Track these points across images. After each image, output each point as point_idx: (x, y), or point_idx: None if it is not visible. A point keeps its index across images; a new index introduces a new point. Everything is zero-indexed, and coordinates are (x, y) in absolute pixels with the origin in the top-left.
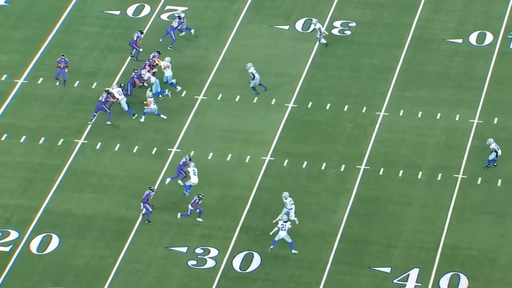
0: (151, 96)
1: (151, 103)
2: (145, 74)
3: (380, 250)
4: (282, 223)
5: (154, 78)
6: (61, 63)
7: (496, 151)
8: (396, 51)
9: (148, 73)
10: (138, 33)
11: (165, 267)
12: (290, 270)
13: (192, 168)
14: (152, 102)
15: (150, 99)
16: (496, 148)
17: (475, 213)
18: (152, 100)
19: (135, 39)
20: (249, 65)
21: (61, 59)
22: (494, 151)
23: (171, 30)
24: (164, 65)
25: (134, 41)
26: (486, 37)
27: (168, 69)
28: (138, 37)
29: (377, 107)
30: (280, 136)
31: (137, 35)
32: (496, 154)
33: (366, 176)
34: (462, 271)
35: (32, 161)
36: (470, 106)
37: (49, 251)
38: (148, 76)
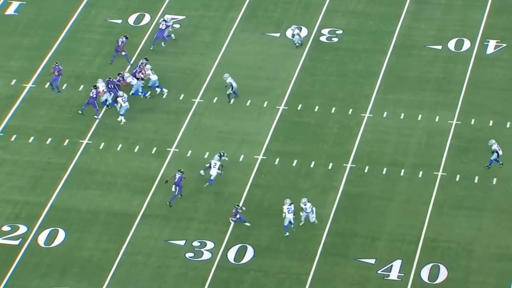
0: (122, 95)
1: (121, 102)
2: (128, 77)
3: (365, 243)
4: (288, 206)
5: (135, 80)
6: (54, 70)
7: (497, 151)
8: (380, 57)
9: (130, 77)
10: (122, 38)
11: (164, 259)
12: (281, 262)
13: (214, 161)
14: (121, 101)
15: (120, 99)
16: (497, 148)
17: (453, 208)
18: (121, 99)
19: (120, 44)
20: (226, 76)
21: (55, 66)
22: (496, 152)
23: (161, 33)
24: (146, 73)
25: (119, 45)
26: (464, 44)
27: (152, 75)
28: (123, 42)
29: (362, 109)
30: (271, 136)
31: (122, 40)
32: (497, 154)
33: (352, 174)
34: (441, 262)
35: (40, 160)
36: (449, 108)
37: (55, 244)
38: (130, 80)
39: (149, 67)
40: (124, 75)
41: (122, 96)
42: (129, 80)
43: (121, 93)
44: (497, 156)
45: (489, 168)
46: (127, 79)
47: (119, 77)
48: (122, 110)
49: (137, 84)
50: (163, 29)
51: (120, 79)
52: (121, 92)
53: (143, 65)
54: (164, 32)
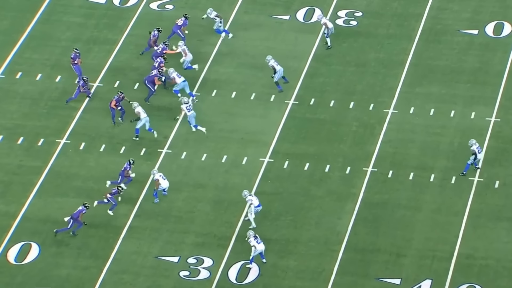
0: (187, 102)
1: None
2: (172, 72)
3: (388, 260)
4: (254, 237)
5: (181, 78)
6: (76, 59)
7: (476, 153)
8: (406, 44)
9: (174, 72)
10: (155, 32)
11: (154, 278)
12: (290, 282)
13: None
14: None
15: (183, 106)
16: (477, 151)
17: (491, 219)
18: (186, 107)
19: (152, 38)
20: (268, 58)
21: (75, 53)
22: (473, 154)
23: (177, 28)
24: (181, 50)
25: (151, 40)
26: (504, 28)
27: (188, 54)
28: (155, 35)
29: (385, 104)
30: (279, 136)
31: (154, 33)
32: (475, 156)
33: (373, 179)
34: (478, 282)
35: (10, 163)
36: (487, 103)
37: (28, 261)
38: (177, 75)
39: (182, 43)
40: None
41: (187, 103)
42: (174, 76)
43: (186, 100)
44: (474, 159)
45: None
46: (172, 74)
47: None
48: (192, 120)
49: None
50: (180, 24)
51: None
52: (186, 98)
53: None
54: (180, 28)
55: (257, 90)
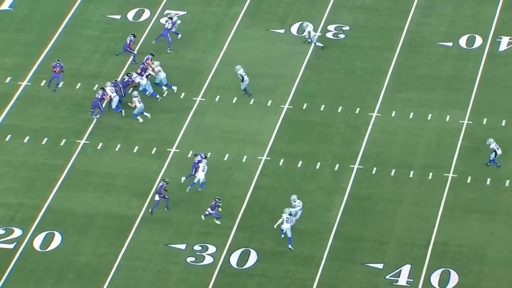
0: (136, 95)
1: (136, 102)
2: (136, 77)
3: (373, 247)
4: (287, 216)
5: (145, 80)
6: (56, 68)
7: (496, 150)
8: (388, 54)
9: (139, 77)
10: (131, 37)
11: (164, 264)
12: (286, 266)
13: (204, 165)
14: (137, 101)
15: (135, 99)
16: (496, 147)
17: (465, 211)
18: (137, 99)
19: (129, 43)
20: (238, 67)
21: (56, 63)
22: (494, 151)
23: (166, 32)
24: (156, 70)
25: (128, 44)
26: (476, 41)
27: (160, 73)
28: (131, 40)
29: (369, 108)
30: (276, 137)
31: (130, 38)
32: (495, 153)
33: (359, 175)
34: (452, 267)
35: (35, 161)
36: (460, 107)
37: (51, 248)
38: (139, 80)
39: (158, 63)
40: (132, 75)
41: (137, 96)
42: (138, 80)
43: (136, 93)
44: (495, 156)
45: (488, 165)
46: (136, 79)
47: (128, 78)
48: (136, 110)
49: (147, 84)
50: (169, 28)
51: (129, 80)
52: (136, 92)
53: (149, 60)
54: (169, 31)
55: (256, 96)
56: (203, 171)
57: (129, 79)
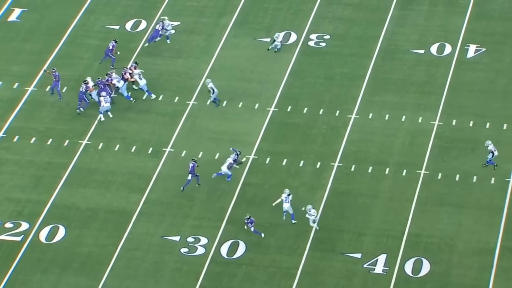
0: (104, 95)
1: (103, 101)
2: (115, 78)
3: (351, 238)
4: (285, 196)
5: (122, 82)
6: (55, 77)
7: (493, 151)
8: (366, 61)
9: (117, 79)
10: (113, 42)
11: (160, 254)
12: (271, 256)
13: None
14: (103, 100)
15: (102, 98)
16: (493, 149)
17: (436, 205)
18: (104, 99)
19: (111, 48)
20: (208, 81)
21: (53, 72)
22: (491, 152)
23: (156, 33)
24: (135, 78)
25: (110, 50)
26: (446, 48)
27: (140, 80)
28: (114, 46)
29: (348, 110)
30: (262, 137)
31: (112, 44)
32: (492, 154)
33: (339, 172)
34: (424, 256)
35: (41, 160)
36: (431, 109)
37: (56, 240)
38: (116, 82)
39: (138, 72)
40: (112, 75)
41: (104, 96)
42: (115, 82)
43: (104, 93)
44: (491, 156)
45: (488, 165)
46: (114, 80)
47: (107, 77)
48: (102, 109)
49: (124, 86)
50: (159, 30)
51: (108, 79)
52: (105, 92)
53: (132, 67)
54: (158, 33)
55: (244, 99)
56: (225, 164)
57: (108, 78)
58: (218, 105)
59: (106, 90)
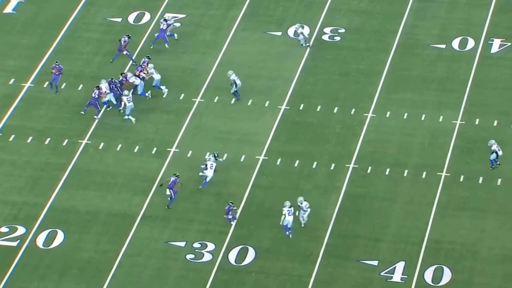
0: (127, 94)
1: (125, 100)
2: (130, 77)
3: (368, 244)
4: (288, 209)
5: (139, 80)
6: (54, 69)
7: (497, 152)
8: (383, 56)
9: (134, 77)
10: (125, 37)
11: (164, 260)
12: (283, 263)
13: (211, 162)
14: (126, 99)
15: (124, 97)
16: (497, 149)
17: (457, 209)
18: (126, 98)
19: (122, 44)
20: (230, 72)
21: (55, 65)
22: (495, 152)
23: (162, 33)
24: (149, 72)
25: (121, 45)
26: (468, 43)
27: (155, 75)
28: (125, 41)
29: (365, 109)
30: (273, 137)
31: (124, 39)
32: (496, 154)
33: (355, 174)
34: (445, 264)
35: (39, 160)
36: (453, 107)
37: (54, 245)
38: (133, 79)
39: (152, 66)
40: (127, 75)
41: (127, 96)
42: (132, 80)
43: (127, 92)
44: (496, 157)
45: (493, 168)
46: (130, 79)
47: (122, 77)
48: (127, 110)
49: (141, 84)
50: (164, 29)
51: (123, 79)
52: (127, 91)
53: (145, 64)
54: (165, 32)
55: (253, 97)
56: (211, 169)
57: (123, 78)
58: (239, 99)
59: (114, 91)
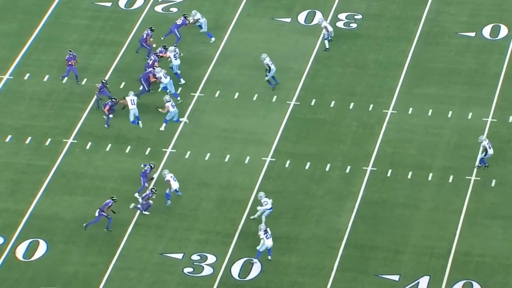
0: (169, 100)
1: (170, 106)
2: (159, 72)
3: (387, 256)
4: (265, 231)
5: (168, 78)
6: (70, 60)
7: (487, 149)
8: (405, 46)
9: (161, 72)
10: (148, 30)
11: (159, 274)
12: (292, 278)
13: (169, 174)
14: (170, 105)
15: (168, 103)
16: (488, 146)
17: (488, 217)
18: (170, 103)
19: (145, 37)
20: (263, 56)
21: (69, 56)
22: (485, 149)
23: (175, 28)
24: (170, 55)
25: (144, 39)
26: (501, 30)
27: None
28: (148, 34)
29: (384, 104)
30: (281, 136)
31: (147, 32)
32: (486, 152)
33: (373, 178)
34: (475, 279)
35: (19, 162)
36: (483, 103)
37: (36, 257)
38: (160, 75)
39: (172, 48)
40: (155, 69)
41: (170, 101)
42: (161, 75)
43: (168, 98)
44: (484, 155)
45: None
46: (158, 73)
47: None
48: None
49: (169, 82)
50: (179, 24)
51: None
52: (168, 96)
53: (162, 53)
54: (178, 27)
55: (259, 91)
56: (175, 181)
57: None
58: (274, 88)
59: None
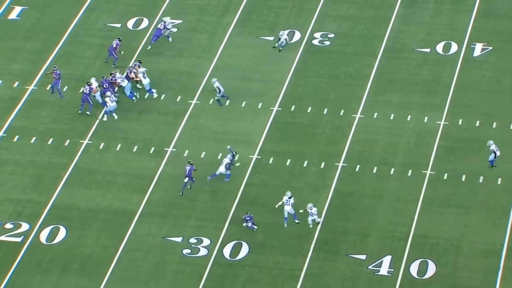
0: (109, 95)
1: (108, 101)
2: (119, 77)
3: (356, 239)
4: (287, 199)
5: (126, 81)
6: (54, 75)
7: (495, 152)
8: (370, 60)
9: (121, 78)
10: (116, 41)
11: (162, 255)
12: (275, 258)
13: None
14: (109, 100)
15: (107, 98)
16: (495, 149)
17: (441, 206)
18: (109, 98)
19: (114, 46)
20: (214, 80)
21: (53, 70)
22: (493, 152)
23: (158, 32)
24: (138, 76)
25: (113, 48)
26: (452, 47)
27: (143, 79)
28: (117, 44)
29: (353, 110)
30: (266, 137)
31: (116, 42)
32: (494, 154)
33: (344, 173)
34: (430, 258)
35: (42, 160)
36: (437, 109)
37: (57, 241)
38: (120, 81)
39: (142, 70)
40: (116, 75)
41: (109, 96)
42: (119, 81)
43: (109, 94)
44: (494, 157)
45: (494, 167)
46: (118, 79)
47: (112, 76)
48: (107, 110)
49: (127, 85)
50: (161, 29)
51: (112, 78)
52: (109, 92)
53: (137, 66)
54: (160, 32)
55: (247, 99)
56: (222, 165)
57: (112, 77)
58: (222, 105)
59: (110, 89)
